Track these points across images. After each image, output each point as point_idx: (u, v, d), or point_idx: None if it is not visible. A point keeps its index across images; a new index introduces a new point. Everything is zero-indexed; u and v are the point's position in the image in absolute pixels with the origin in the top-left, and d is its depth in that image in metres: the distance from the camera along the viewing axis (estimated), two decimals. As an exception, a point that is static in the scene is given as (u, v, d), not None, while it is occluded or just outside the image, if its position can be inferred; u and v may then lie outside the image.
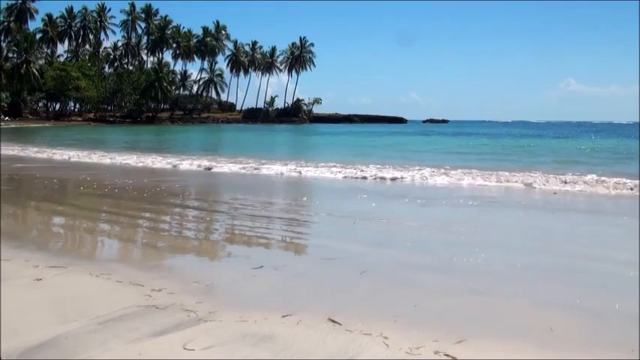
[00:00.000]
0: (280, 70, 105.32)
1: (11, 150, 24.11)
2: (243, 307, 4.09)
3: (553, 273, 5.40)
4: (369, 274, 5.16)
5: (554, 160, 20.87)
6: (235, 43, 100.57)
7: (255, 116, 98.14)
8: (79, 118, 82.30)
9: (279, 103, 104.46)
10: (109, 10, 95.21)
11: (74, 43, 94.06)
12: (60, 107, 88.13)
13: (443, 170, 15.09)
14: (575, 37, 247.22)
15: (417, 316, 4.05)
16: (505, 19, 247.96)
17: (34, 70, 77.49)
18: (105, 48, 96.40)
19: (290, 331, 3.66)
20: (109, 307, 3.98)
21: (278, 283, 4.89)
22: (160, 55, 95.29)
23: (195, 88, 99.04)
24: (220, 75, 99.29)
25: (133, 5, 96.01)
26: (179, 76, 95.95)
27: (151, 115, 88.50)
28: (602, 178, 12.80)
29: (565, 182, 12.51)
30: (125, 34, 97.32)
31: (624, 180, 12.41)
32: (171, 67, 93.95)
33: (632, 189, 11.46)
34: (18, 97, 79.91)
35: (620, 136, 52.00)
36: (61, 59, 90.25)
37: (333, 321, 3.84)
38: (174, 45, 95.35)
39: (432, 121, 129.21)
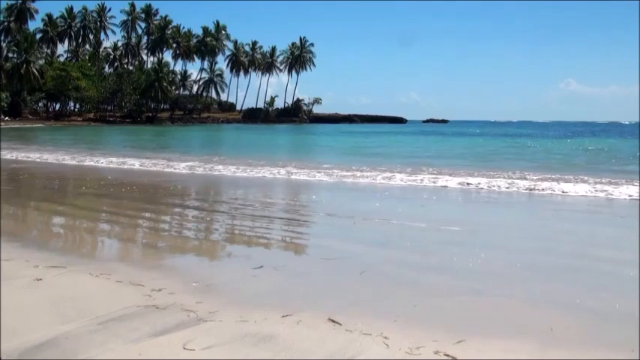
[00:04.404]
0: (280, 70, 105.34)
1: (14, 152, 24.09)
2: (243, 307, 4.08)
3: (553, 273, 5.40)
4: (369, 274, 5.16)
5: (545, 165, 20.86)
6: (235, 43, 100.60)
7: (255, 116, 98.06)
8: (78, 118, 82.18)
9: (279, 103, 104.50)
10: (109, 10, 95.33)
11: (74, 43, 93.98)
12: (60, 107, 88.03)
13: (440, 171, 15.09)
14: (575, 37, 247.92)
15: (417, 316, 4.05)
16: (505, 19, 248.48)
17: (34, 70, 77.42)
18: (105, 48, 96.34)
19: (290, 331, 3.66)
20: (109, 307, 3.98)
21: (278, 283, 4.89)
22: (160, 55, 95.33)
23: (195, 88, 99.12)
24: (220, 75, 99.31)
25: (133, 5, 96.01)
26: (179, 76, 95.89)
27: (150, 115, 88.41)
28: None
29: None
30: (125, 34, 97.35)
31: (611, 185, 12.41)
32: (171, 67, 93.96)
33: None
34: (18, 97, 79.84)
35: (621, 136, 51.98)
36: (61, 59, 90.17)
37: (333, 321, 3.84)
38: (174, 45, 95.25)
39: (432, 121, 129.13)
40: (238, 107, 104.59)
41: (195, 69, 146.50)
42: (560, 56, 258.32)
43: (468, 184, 12.75)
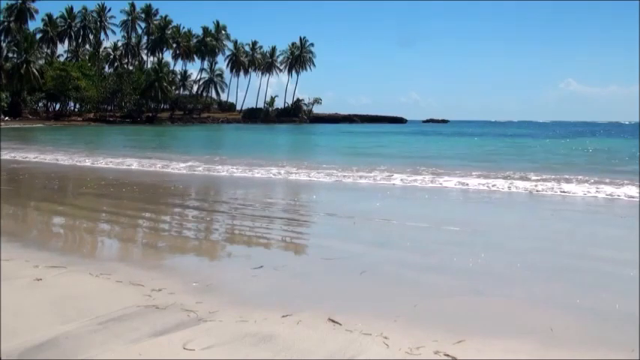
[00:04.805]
0: (280, 70, 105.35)
1: (14, 152, 24.08)
2: (243, 307, 4.08)
3: (553, 273, 5.40)
4: (369, 274, 5.16)
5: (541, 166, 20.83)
6: (235, 43, 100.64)
7: (255, 116, 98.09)
8: (78, 118, 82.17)
9: (279, 103, 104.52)
10: (109, 10, 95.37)
11: (74, 43, 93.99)
12: (60, 107, 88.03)
13: (440, 171, 15.10)
14: (575, 37, 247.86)
15: (417, 316, 4.05)
16: (505, 20, 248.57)
17: (34, 70, 77.39)
18: (105, 48, 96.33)
19: (290, 331, 3.66)
20: (109, 307, 3.98)
21: (278, 283, 4.89)
22: (160, 55, 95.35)
23: (195, 88, 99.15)
24: (220, 75, 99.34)
25: (133, 5, 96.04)
26: (179, 76, 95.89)
27: (150, 115, 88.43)
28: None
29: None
30: (125, 34, 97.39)
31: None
32: (171, 67, 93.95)
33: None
34: (18, 97, 79.82)
35: (621, 136, 51.97)
36: (61, 59, 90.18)
37: (333, 321, 3.84)
38: (174, 45, 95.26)
39: (432, 121, 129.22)
40: (238, 107, 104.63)
41: (195, 69, 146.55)
42: (560, 56, 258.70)
43: (467, 184, 12.75)
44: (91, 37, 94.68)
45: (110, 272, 4.98)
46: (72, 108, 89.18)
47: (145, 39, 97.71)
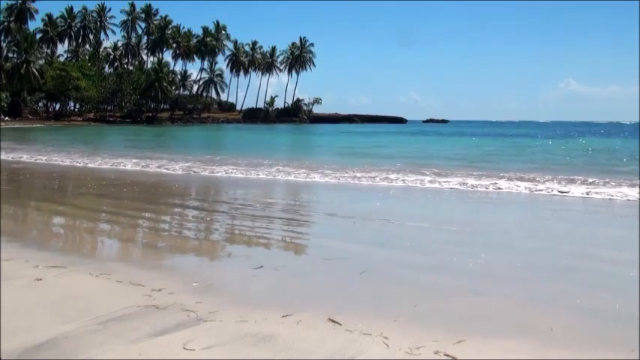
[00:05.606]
0: (280, 70, 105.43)
1: (14, 152, 24.08)
2: (243, 307, 4.08)
3: (553, 273, 5.40)
4: (369, 274, 5.16)
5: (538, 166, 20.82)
6: (235, 43, 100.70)
7: (255, 116, 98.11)
8: (78, 118, 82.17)
9: (279, 103, 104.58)
10: (109, 10, 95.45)
11: (74, 43, 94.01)
12: (60, 107, 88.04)
13: (440, 171, 15.11)
14: (575, 37, 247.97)
15: (417, 316, 4.05)
16: (504, 20, 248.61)
17: (34, 70, 77.39)
18: (105, 48, 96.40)
19: (290, 331, 3.66)
20: (109, 307, 3.97)
21: (278, 283, 4.89)
22: (160, 55, 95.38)
23: (195, 88, 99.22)
24: (220, 75, 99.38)
25: (133, 5, 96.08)
26: (179, 76, 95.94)
27: (150, 115, 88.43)
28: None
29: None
30: (125, 34, 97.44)
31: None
32: (171, 67, 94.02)
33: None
34: (18, 97, 79.82)
35: (621, 136, 51.97)
36: (61, 59, 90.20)
37: (333, 321, 3.84)
38: (174, 45, 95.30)
39: (432, 121, 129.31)
40: (238, 107, 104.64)
41: (195, 69, 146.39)
42: (560, 56, 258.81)
43: (468, 184, 12.74)
44: (91, 37, 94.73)
45: (110, 272, 4.98)
46: (72, 108, 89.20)
47: (145, 39, 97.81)
